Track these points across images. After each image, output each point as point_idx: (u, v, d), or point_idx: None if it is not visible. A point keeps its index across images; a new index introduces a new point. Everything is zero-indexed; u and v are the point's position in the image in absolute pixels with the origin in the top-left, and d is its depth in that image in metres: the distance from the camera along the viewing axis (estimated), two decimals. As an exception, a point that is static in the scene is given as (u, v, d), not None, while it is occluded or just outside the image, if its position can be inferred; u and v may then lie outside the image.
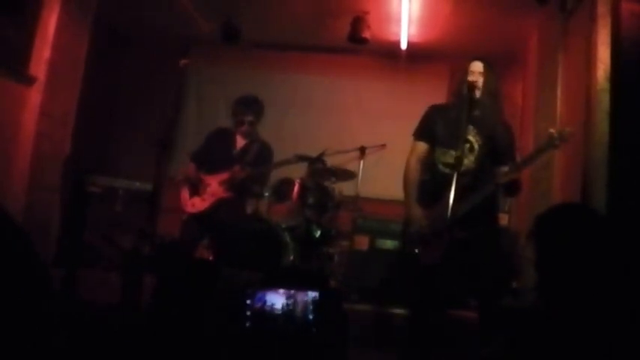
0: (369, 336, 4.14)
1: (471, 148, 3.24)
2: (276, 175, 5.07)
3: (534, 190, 4.96)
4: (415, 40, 6.46)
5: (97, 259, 4.71)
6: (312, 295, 3.20)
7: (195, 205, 4.43)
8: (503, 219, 5.31)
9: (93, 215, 4.95)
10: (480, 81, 3.24)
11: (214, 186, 4.44)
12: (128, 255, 4.40)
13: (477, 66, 3.30)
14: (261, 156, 4.71)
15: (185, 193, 4.55)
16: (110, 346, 2.89)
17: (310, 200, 5.07)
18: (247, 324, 3.13)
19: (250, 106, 4.67)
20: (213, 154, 4.70)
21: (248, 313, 3.15)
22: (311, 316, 3.18)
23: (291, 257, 4.62)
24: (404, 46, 6.51)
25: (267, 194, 5.10)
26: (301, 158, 4.75)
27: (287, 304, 3.20)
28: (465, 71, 3.31)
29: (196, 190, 4.47)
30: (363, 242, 5.11)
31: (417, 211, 3.27)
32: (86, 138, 5.79)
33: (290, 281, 3.27)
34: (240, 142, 4.72)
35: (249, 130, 4.67)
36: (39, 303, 1.53)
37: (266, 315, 3.18)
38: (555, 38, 4.79)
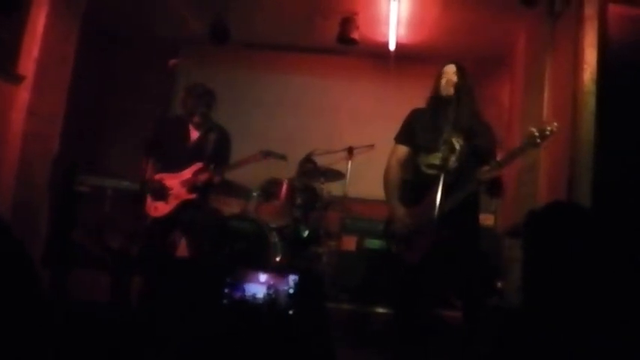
0: (356, 336, 4.16)
1: (452, 149, 3.27)
2: (251, 172, 4.92)
3: (520, 191, 5.00)
4: (404, 41, 6.49)
5: (85, 259, 4.69)
6: (293, 278, 3.35)
7: (159, 209, 4.26)
8: (489, 220, 5.33)
9: (81, 215, 4.93)
10: (453, 82, 3.29)
11: (177, 188, 4.29)
12: (116, 255, 4.39)
13: (450, 68, 3.37)
14: (219, 147, 4.45)
15: (148, 197, 4.32)
16: (98, 346, 2.89)
17: (298, 200, 5.09)
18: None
19: (201, 98, 4.45)
20: (169, 147, 4.42)
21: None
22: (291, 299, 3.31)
23: (279, 257, 4.62)
24: (392, 47, 6.53)
25: (255, 194, 5.11)
26: (267, 154, 4.52)
27: (268, 293, 3.35)
28: (439, 74, 3.38)
29: (159, 193, 4.29)
30: (350, 242, 5.13)
31: (400, 209, 3.30)
32: (75, 137, 5.77)
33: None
34: (194, 133, 4.46)
35: (202, 121, 4.45)
36: (28, 303, 1.54)
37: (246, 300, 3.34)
38: (543, 41, 4.83)
